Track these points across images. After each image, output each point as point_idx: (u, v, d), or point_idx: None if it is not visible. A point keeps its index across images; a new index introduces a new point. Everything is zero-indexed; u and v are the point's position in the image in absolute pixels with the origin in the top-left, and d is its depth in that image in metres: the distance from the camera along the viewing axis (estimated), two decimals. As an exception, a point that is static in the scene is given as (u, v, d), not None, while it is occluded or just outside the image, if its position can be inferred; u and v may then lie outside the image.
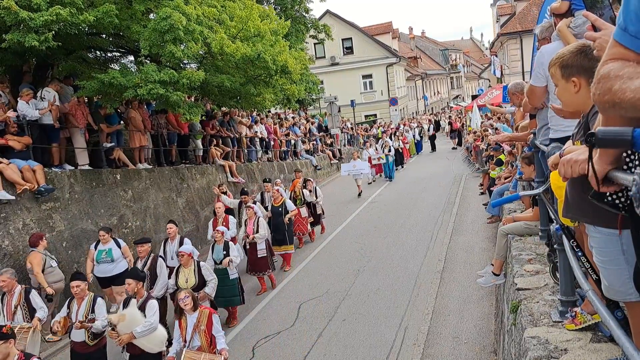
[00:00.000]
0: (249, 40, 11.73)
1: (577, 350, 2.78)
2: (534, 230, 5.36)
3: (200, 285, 7.19)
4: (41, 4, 8.24)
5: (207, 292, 7.20)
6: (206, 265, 7.59)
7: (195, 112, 11.26)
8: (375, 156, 21.00)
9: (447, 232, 11.94)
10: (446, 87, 65.24)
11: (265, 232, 9.58)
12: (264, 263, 9.48)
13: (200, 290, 7.07)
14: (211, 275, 7.38)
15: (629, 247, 1.96)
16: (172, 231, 8.49)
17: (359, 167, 17.93)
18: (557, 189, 2.81)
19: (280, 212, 10.87)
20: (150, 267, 7.38)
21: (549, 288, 3.90)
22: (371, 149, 21.44)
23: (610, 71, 1.46)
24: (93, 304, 6.17)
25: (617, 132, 1.39)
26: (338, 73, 41.24)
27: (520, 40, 29.24)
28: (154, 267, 7.42)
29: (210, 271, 7.52)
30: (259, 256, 9.46)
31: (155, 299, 6.36)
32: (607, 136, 1.40)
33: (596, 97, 1.51)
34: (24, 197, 8.45)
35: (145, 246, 7.52)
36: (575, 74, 2.22)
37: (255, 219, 9.66)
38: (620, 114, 1.47)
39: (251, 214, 9.77)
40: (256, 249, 9.47)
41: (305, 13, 24.54)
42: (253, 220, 9.66)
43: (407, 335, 7.05)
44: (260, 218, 9.80)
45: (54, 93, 9.85)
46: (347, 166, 18.54)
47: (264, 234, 9.56)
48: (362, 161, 18.97)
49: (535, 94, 4.08)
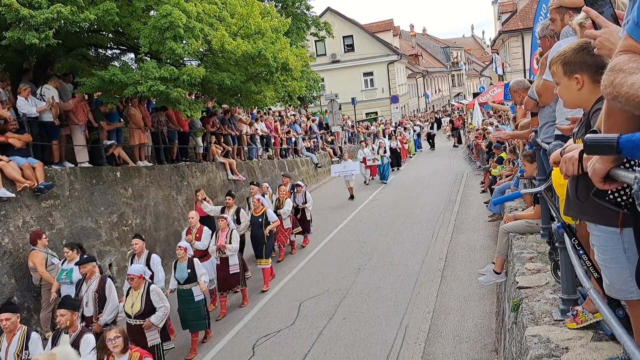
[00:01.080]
0: (250, 37, 11.71)
1: (578, 349, 2.77)
2: (536, 229, 5.34)
3: (147, 312, 6.35)
4: (42, 2, 8.22)
5: (152, 322, 6.30)
6: (157, 289, 6.58)
7: (196, 109, 11.26)
8: (370, 157, 20.18)
9: (448, 230, 11.92)
10: (447, 85, 65.15)
11: (237, 246, 8.70)
12: (236, 280, 8.65)
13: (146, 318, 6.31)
14: (161, 302, 6.44)
15: (630, 245, 1.95)
16: (139, 247, 7.70)
17: (350, 168, 17.18)
18: (559, 187, 2.80)
19: (260, 222, 9.84)
20: (98, 289, 6.59)
21: (550, 286, 3.88)
22: (367, 149, 20.58)
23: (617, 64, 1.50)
24: (26, 340, 5.37)
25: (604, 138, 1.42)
26: (339, 70, 41.21)
27: (521, 38, 29.17)
28: (102, 288, 6.59)
29: (161, 296, 6.54)
30: (231, 272, 8.55)
31: (91, 333, 5.60)
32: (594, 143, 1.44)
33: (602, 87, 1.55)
34: (24, 194, 8.44)
35: (88, 266, 6.73)
36: (578, 71, 2.20)
37: (229, 231, 8.76)
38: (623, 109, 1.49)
39: (224, 225, 8.84)
40: (228, 264, 8.56)
41: (306, 10, 24.53)
42: (226, 232, 8.72)
43: (407, 333, 7.04)
44: (234, 230, 8.91)
45: (54, 90, 9.83)
46: (337, 167, 17.84)
47: (237, 247, 8.70)
48: (354, 162, 18.20)
49: (549, 89, 3.97)
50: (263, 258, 9.73)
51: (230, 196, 10.62)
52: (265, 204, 10.42)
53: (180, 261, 7.60)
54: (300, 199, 12.32)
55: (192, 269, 7.49)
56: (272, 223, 9.94)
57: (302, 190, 12.52)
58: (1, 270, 7.76)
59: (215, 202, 14.01)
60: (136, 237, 7.98)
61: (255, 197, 10.40)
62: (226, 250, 8.52)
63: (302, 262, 10.96)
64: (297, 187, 12.60)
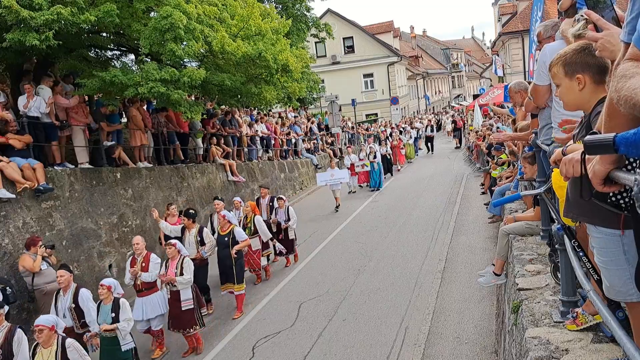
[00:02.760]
0: (250, 38, 11.73)
1: (578, 351, 2.77)
2: (536, 230, 5.34)
3: None
4: (42, 3, 8.24)
5: None
6: (74, 345, 5.30)
7: (196, 111, 11.26)
8: (358, 163, 18.93)
9: (448, 231, 11.92)
10: (447, 87, 65.19)
11: (191, 277, 7.35)
12: (189, 318, 7.27)
13: None
14: None
15: (630, 247, 1.95)
16: (64, 280, 6.47)
17: (337, 176, 15.92)
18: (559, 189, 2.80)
19: (226, 242, 8.56)
20: (3, 344, 5.22)
21: (550, 288, 3.88)
22: (353, 155, 19.32)
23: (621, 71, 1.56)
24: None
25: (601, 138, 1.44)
26: (339, 72, 41.24)
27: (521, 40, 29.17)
28: (9, 341, 5.23)
29: (81, 352, 5.33)
30: (184, 309, 7.26)
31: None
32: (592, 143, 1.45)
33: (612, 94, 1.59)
34: (24, 195, 8.45)
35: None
36: (580, 71, 2.20)
37: (180, 259, 7.43)
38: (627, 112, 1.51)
39: (173, 252, 7.46)
40: (179, 299, 7.28)
41: (306, 12, 24.53)
42: (176, 261, 7.40)
43: (407, 335, 7.04)
44: (186, 258, 7.53)
45: (47, 90, 9.75)
46: (323, 175, 16.46)
47: (190, 279, 7.34)
48: (341, 169, 16.90)
49: (539, 92, 4.07)
50: (235, 283, 8.53)
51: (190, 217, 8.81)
52: (232, 220, 9.04)
53: (104, 302, 6.25)
54: (281, 215, 10.79)
55: (117, 312, 6.16)
56: (241, 242, 8.58)
57: (285, 206, 10.92)
58: (1, 270, 7.77)
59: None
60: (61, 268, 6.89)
61: (220, 214, 8.94)
62: (177, 283, 7.21)
63: (302, 263, 10.96)
64: (278, 200, 11.00)
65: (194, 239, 8.66)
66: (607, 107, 1.69)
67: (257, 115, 19.85)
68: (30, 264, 7.68)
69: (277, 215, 10.82)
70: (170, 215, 9.73)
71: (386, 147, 22.33)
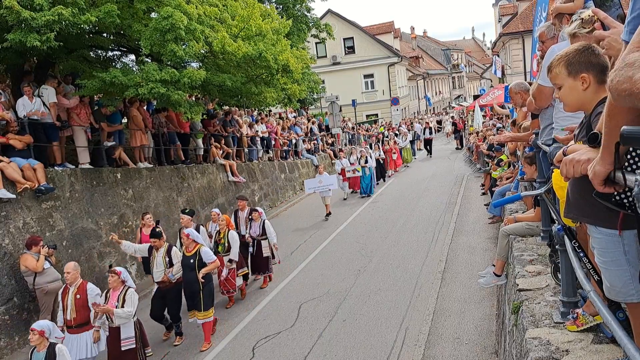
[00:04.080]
0: (251, 39, 11.74)
1: (578, 352, 2.77)
2: (536, 231, 5.34)
3: None
4: (43, 4, 8.24)
5: None
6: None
7: (197, 111, 11.26)
8: (349, 168, 17.71)
9: (448, 232, 11.91)
10: (448, 87, 65.21)
11: (133, 310, 6.39)
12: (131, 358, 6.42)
13: None
14: None
15: (630, 247, 1.95)
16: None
17: (326, 183, 14.91)
18: (559, 189, 2.80)
19: (192, 264, 7.52)
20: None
21: (550, 289, 3.88)
22: (344, 160, 18.18)
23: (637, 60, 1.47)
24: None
25: None
26: (339, 72, 41.27)
27: (522, 40, 29.19)
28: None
29: None
30: (124, 349, 6.34)
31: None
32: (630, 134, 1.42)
33: (614, 84, 1.51)
34: (24, 195, 8.45)
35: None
36: (584, 70, 2.19)
37: (122, 289, 6.47)
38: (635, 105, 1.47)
39: (116, 282, 6.46)
40: (119, 337, 6.34)
41: (307, 12, 24.54)
42: (118, 292, 6.44)
43: (407, 336, 7.03)
44: (131, 290, 6.58)
45: (51, 90, 9.79)
46: (311, 182, 15.49)
47: (131, 312, 6.36)
48: (330, 175, 15.86)
49: (543, 94, 4.04)
50: (201, 310, 7.49)
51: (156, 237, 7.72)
52: (198, 239, 7.84)
53: (37, 349, 5.32)
54: (255, 229, 9.69)
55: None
56: (209, 264, 7.59)
57: (260, 219, 9.75)
58: (1, 271, 7.78)
59: (215, 204, 14.05)
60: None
61: (184, 232, 7.90)
62: (114, 317, 6.24)
63: (302, 264, 10.95)
64: (253, 212, 9.87)
65: (162, 259, 7.63)
66: (608, 108, 1.68)
67: (257, 116, 19.87)
68: (33, 263, 7.69)
69: (251, 230, 9.71)
70: (146, 226, 9.07)
71: (379, 151, 21.08)
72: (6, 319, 7.63)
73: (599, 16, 2.05)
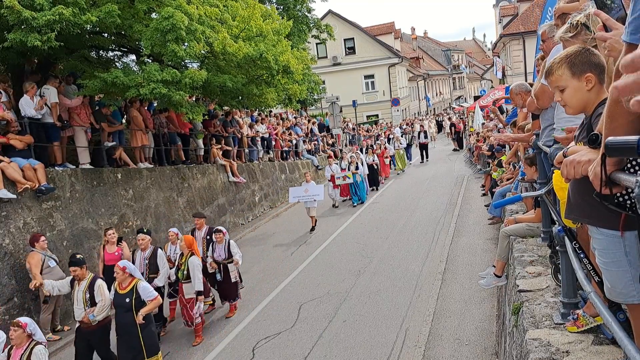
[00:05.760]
0: (251, 40, 11.75)
1: (579, 353, 2.77)
2: (536, 232, 5.34)
3: None
4: (44, 4, 8.25)
5: None
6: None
7: (197, 112, 11.27)
8: (339, 174, 16.59)
9: (448, 233, 11.91)
10: (448, 88, 65.21)
11: None
12: None
13: None
14: None
15: (631, 248, 1.95)
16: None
17: (312, 192, 13.94)
18: (560, 190, 2.80)
19: (128, 304, 6.13)
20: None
21: (550, 290, 3.88)
22: (334, 165, 17.03)
23: None
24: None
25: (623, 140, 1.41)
26: (340, 73, 41.29)
27: (522, 41, 29.21)
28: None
29: None
30: None
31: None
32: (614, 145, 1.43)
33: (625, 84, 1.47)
34: (24, 195, 8.45)
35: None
36: (588, 70, 2.18)
37: (28, 346, 5.14)
38: None
39: (19, 338, 5.14)
40: None
41: (308, 13, 24.58)
42: (22, 350, 5.12)
43: (407, 336, 7.03)
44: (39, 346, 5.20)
45: (53, 90, 9.79)
46: (296, 190, 14.56)
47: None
48: (317, 185, 14.73)
49: (547, 93, 4.03)
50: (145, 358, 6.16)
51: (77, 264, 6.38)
52: (135, 273, 6.45)
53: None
54: (220, 252, 8.46)
55: None
56: (149, 303, 6.21)
57: (224, 240, 8.51)
58: (2, 271, 7.77)
59: (215, 204, 14.06)
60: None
61: (118, 265, 6.31)
62: None
63: (302, 264, 10.95)
64: (216, 233, 8.51)
65: (82, 295, 6.22)
66: (608, 109, 1.68)
67: (257, 116, 19.87)
68: (37, 261, 7.69)
69: (215, 253, 8.49)
70: (109, 243, 8.41)
71: (373, 155, 19.69)
72: (6, 319, 7.63)
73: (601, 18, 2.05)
